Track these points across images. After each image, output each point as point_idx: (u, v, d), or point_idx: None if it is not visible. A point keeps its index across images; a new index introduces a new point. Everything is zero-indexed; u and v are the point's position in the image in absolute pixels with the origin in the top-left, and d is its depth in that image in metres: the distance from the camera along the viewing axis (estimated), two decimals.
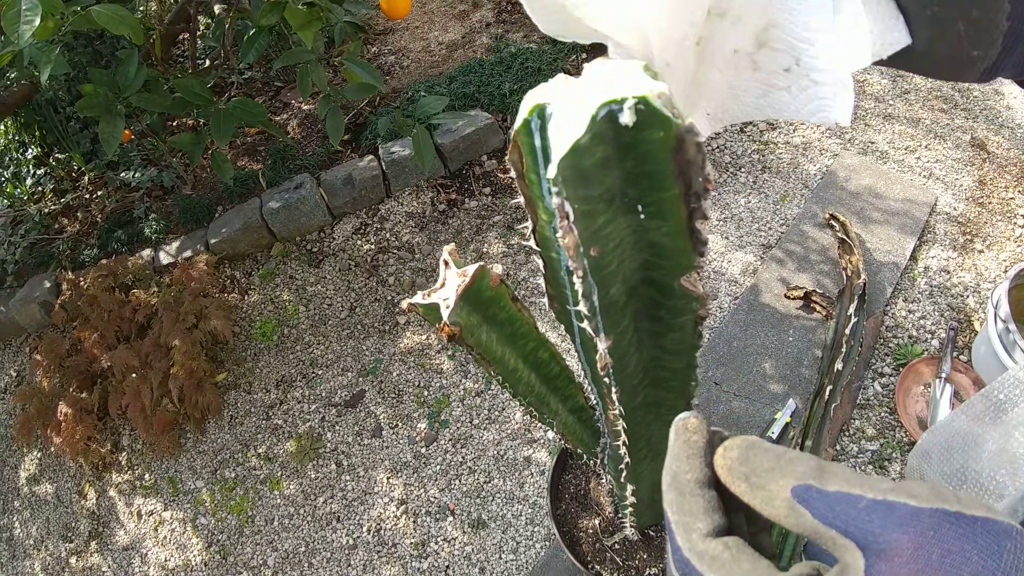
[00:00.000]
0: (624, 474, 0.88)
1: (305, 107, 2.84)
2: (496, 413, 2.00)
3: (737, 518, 0.32)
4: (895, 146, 2.44)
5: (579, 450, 1.10)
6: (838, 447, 1.80)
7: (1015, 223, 2.16)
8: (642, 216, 0.41)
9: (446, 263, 0.75)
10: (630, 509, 1.06)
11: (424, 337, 2.20)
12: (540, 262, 0.51)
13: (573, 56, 2.71)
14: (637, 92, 0.34)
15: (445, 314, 0.70)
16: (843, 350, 1.94)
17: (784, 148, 2.50)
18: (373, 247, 2.48)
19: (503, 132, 2.61)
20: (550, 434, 1.93)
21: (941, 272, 2.07)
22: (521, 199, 0.45)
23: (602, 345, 0.51)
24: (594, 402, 0.79)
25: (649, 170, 0.38)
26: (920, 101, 2.59)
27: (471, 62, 2.74)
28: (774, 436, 1.80)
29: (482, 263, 0.73)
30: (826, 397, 1.88)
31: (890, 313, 2.01)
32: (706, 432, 0.32)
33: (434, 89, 2.66)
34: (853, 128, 2.52)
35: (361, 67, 1.50)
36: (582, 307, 0.45)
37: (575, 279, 0.43)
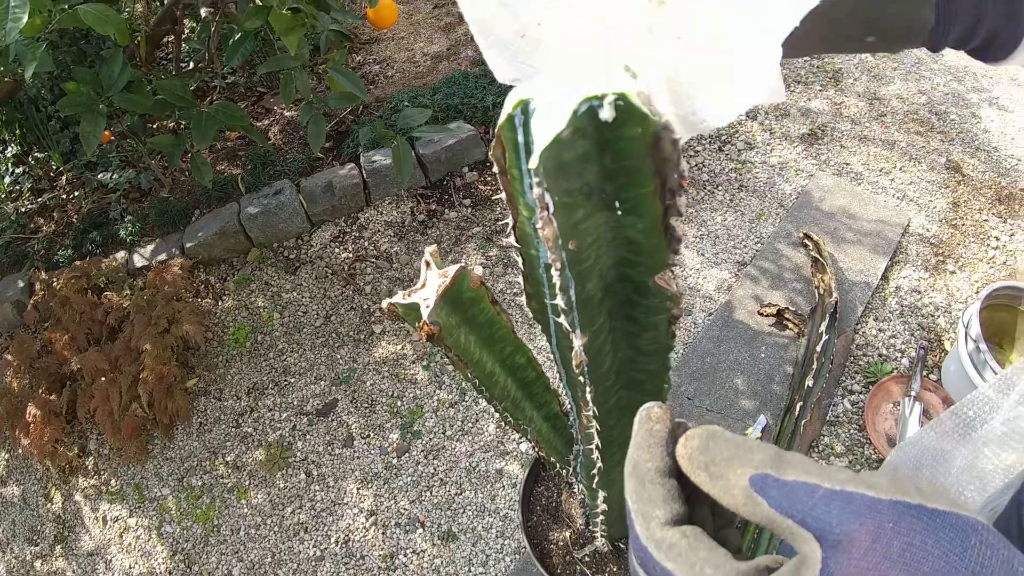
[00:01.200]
0: (596, 480, 0.88)
1: (287, 113, 2.83)
2: (469, 425, 1.99)
3: (702, 511, 0.32)
4: (870, 168, 2.50)
5: (552, 458, 1.10)
6: None
7: (988, 245, 2.21)
8: (619, 212, 0.42)
9: (427, 264, 0.75)
10: (601, 517, 1.06)
11: (399, 347, 2.20)
12: (519, 259, 0.51)
13: None
14: (617, 89, 0.34)
15: (425, 313, 0.70)
16: (814, 367, 1.97)
17: (761, 167, 2.55)
18: (351, 255, 2.47)
19: (485, 144, 2.62)
20: (523, 446, 1.93)
21: (912, 292, 2.11)
22: (503, 195, 0.46)
23: (577, 342, 0.52)
24: (568, 407, 0.80)
25: (627, 166, 0.39)
26: (896, 124, 2.66)
27: (456, 74, 2.76)
28: None
29: (463, 265, 0.73)
30: (796, 413, 1.90)
31: (861, 332, 2.05)
32: (669, 422, 0.32)
33: (418, 100, 2.67)
34: (829, 150, 2.58)
35: (345, 76, 1.51)
36: (559, 301, 0.46)
37: (553, 273, 0.43)
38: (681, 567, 0.27)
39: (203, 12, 1.36)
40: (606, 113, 0.35)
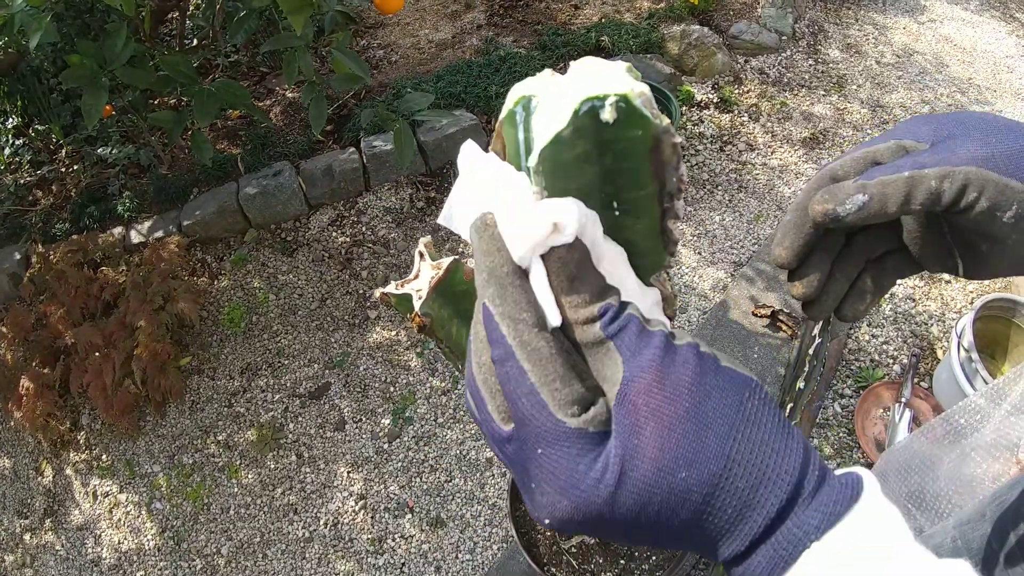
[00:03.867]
0: None
1: (289, 95, 2.82)
2: (461, 412, 2.00)
3: None
4: None
5: None
6: None
7: None
8: (617, 213, 0.42)
9: (421, 255, 0.75)
10: None
11: (393, 333, 2.20)
12: None
13: (561, 64, 2.73)
14: (619, 90, 0.35)
15: (417, 305, 0.71)
16: (805, 369, 1.99)
17: (761, 169, 2.55)
18: (348, 240, 2.47)
19: (487, 134, 2.62)
20: None
21: (907, 300, 2.12)
22: None
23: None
24: None
25: (626, 167, 0.39)
26: None
27: (459, 62, 2.75)
28: None
29: (457, 257, 0.73)
30: (786, 414, 1.92)
31: (854, 336, 2.06)
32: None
33: (421, 87, 2.66)
34: (829, 155, 2.58)
35: (349, 57, 1.50)
36: None
37: None
38: (537, 371, 0.29)
39: None
40: (607, 114, 0.35)
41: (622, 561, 1.41)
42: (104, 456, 2.03)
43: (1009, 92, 2.82)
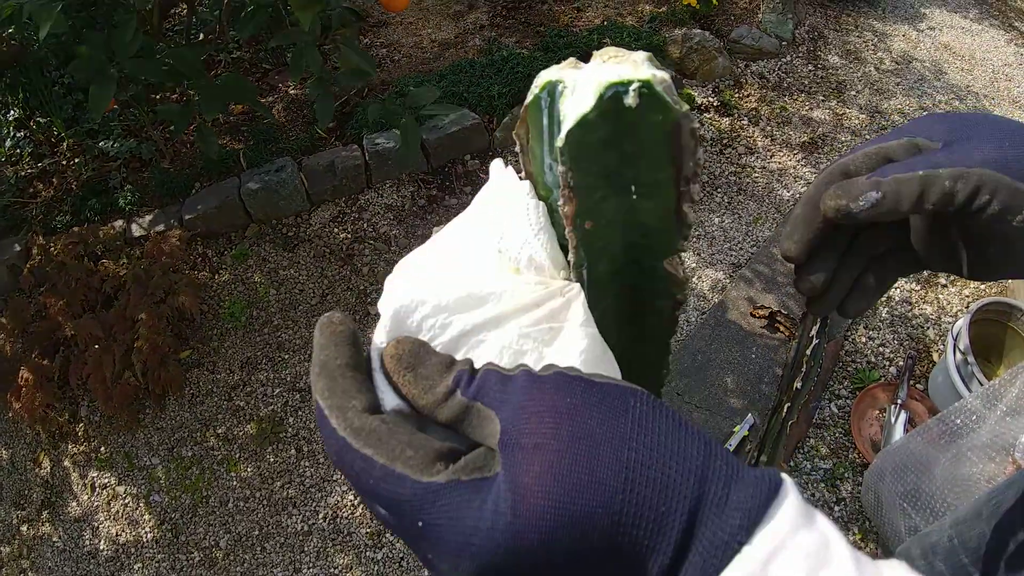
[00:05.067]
0: None
1: (292, 91, 2.83)
2: None
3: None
4: None
5: None
6: (792, 463, 1.85)
7: None
8: (634, 196, 0.44)
9: None
10: None
11: None
12: None
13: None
14: (642, 76, 0.36)
15: None
16: (803, 370, 1.99)
17: (760, 172, 2.57)
18: (349, 236, 2.48)
19: (488, 133, 2.63)
20: None
21: (903, 303, 2.14)
22: (522, 175, 0.47)
23: None
24: None
25: (646, 151, 0.40)
26: None
27: (462, 62, 2.77)
28: (731, 448, 1.85)
29: None
30: (783, 414, 1.93)
31: (850, 338, 2.08)
32: (351, 324, 0.32)
33: (423, 85, 2.67)
34: (828, 159, 2.60)
35: (355, 52, 1.51)
36: (571, 277, 0.48)
37: (569, 251, 0.45)
38: (381, 451, 0.27)
39: None
40: (630, 99, 0.37)
41: None
42: (103, 448, 2.04)
43: (1007, 100, 2.85)
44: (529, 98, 0.41)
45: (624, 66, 0.38)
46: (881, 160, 0.43)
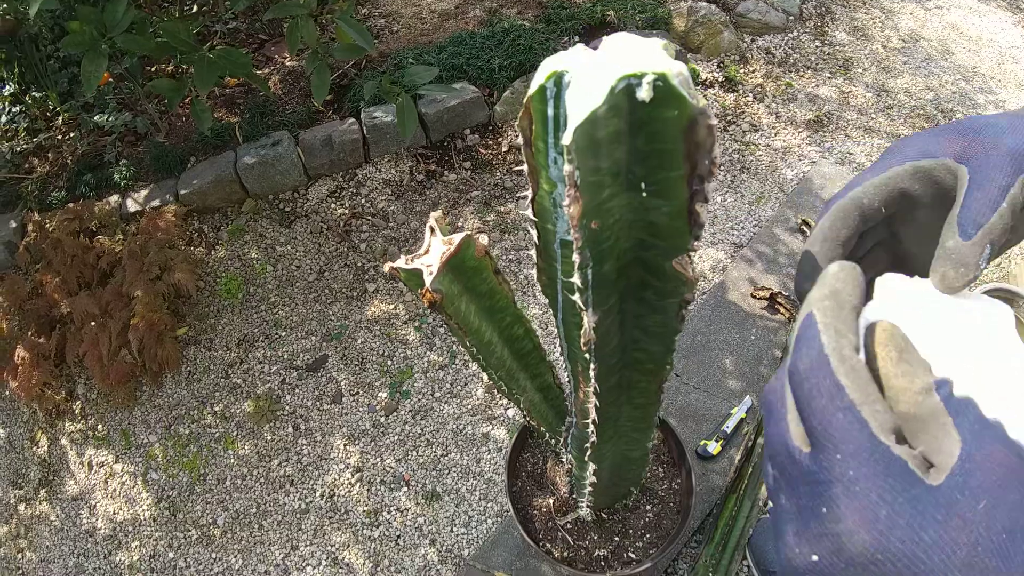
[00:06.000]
0: (589, 453, 0.89)
1: (288, 63, 2.77)
2: (459, 388, 2.00)
3: None
4: (872, 159, 2.49)
5: (542, 428, 1.11)
6: None
7: None
8: (644, 194, 0.41)
9: (432, 229, 0.74)
10: (589, 489, 1.07)
11: (391, 306, 2.19)
12: (534, 233, 0.51)
13: (566, 38, 2.70)
14: (657, 69, 0.34)
15: (428, 280, 0.70)
16: None
17: (764, 151, 2.53)
18: (347, 212, 2.45)
19: (488, 107, 2.59)
20: (510, 412, 1.95)
21: None
22: (524, 167, 0.45)
23: (589, 321, 0.51)
24: (565, 380, 0.80)
25: (658, 148, 0.38)
26: (902, 117, 2.65)
27: (462, 33, 2.71)
28: (728, 430, 1.84)
29: (469, 232, 0.72)
30: None
31: None
32: (862, 280, 0.32)
33: (423, 57, 2.62)
34: (833, 138, 2.56)
35: (352, 27, 1.47)
36: (576, 279, 0.45)
37: (573, 250, 0.43)
38: (856, 389, 0.27)
39: None
40: (644, 93, 0.34)
41: (616, 538, 1.42)
42: (100, 426, 2.03)
43: (1013, 82, 2.81)
44: (533, 88, 0.39)
45: (637, 56, 0.35)
46: (895, 194, 0.41)
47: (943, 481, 0.26)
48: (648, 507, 1.46)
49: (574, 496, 1.41)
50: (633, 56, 0.35)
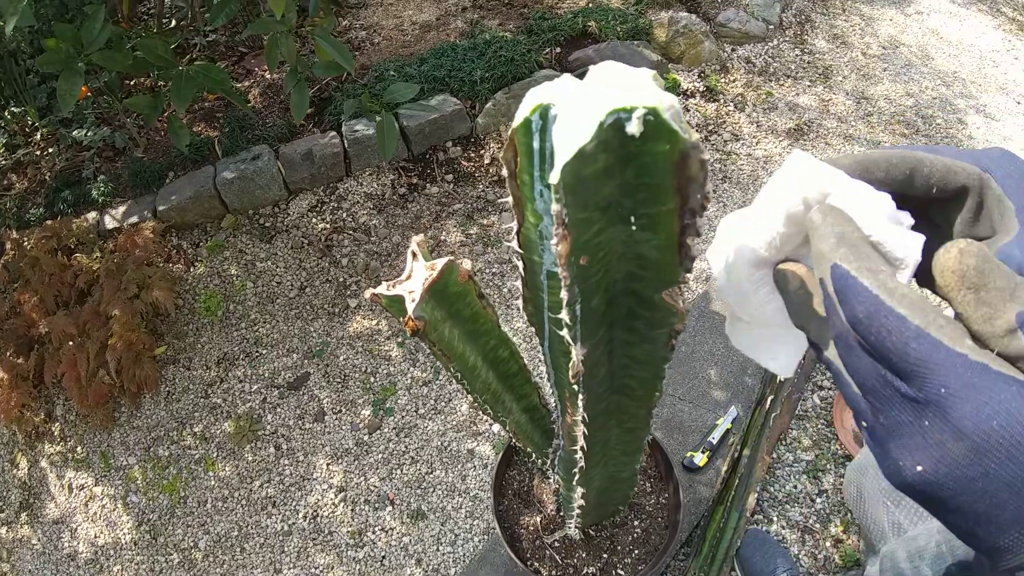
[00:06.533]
0: (577, 477, 0.88)
1: (268, 76, 2.75)
2: (442, 404, 1.98)
3: None
4: None
5: (528, 449, 1.09)
6: (775, 455, 1.85)
7: None
8: (634, 228, 0.40)
9: (414, 255, 0.73)
10: (577, 512, 1.06)
11: (374, 322, 2.17)
12: (520, 264, 0.49)
13: (547, 49, 2.69)
14: (648, 103, 0.32)
15: (410, 308, 0.68)
16: None
17: (746, 160, 2.54)
18: (328, 226, 2.42)
19: (470, 119, 2.58)
20: (495, 428, 1.93)
21: None
22: (509, 199, 0.44)
23: (577, 354, 0.50)
24: (552, 404, 0.79)
25: (648, 182, 0.37)
26: (882, 124, 2.67)
27: (444, 45, 2.70)
28: (715, 441, 1.83)
29: (451, 258, 0.71)
30: (767, 406, 1.92)
31: None
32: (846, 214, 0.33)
33: (404, 70, 2.61)
34: (813, 146, 2.58)
35: (332, 45, 1.45)
36: (564, 316, 0.44)
37: (560, 283, 0.41)
38: (916, 314, 0.27)
39: None
40: (634, 127, 0.33)
41: (605, 555, 1.40)
42: (79, 448, 1.98)
43: (994, 86, 2.84)
44: (518, 121, 0.37)
45: (626, 88, 0.34)
46: (904, 169, 0.38)
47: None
48: (636, 522, 1.45)
49: (561, 514, 1.39)
50: (621, 88, 0.34)
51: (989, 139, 2.61)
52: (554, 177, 0.33)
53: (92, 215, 2.30)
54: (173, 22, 1.52)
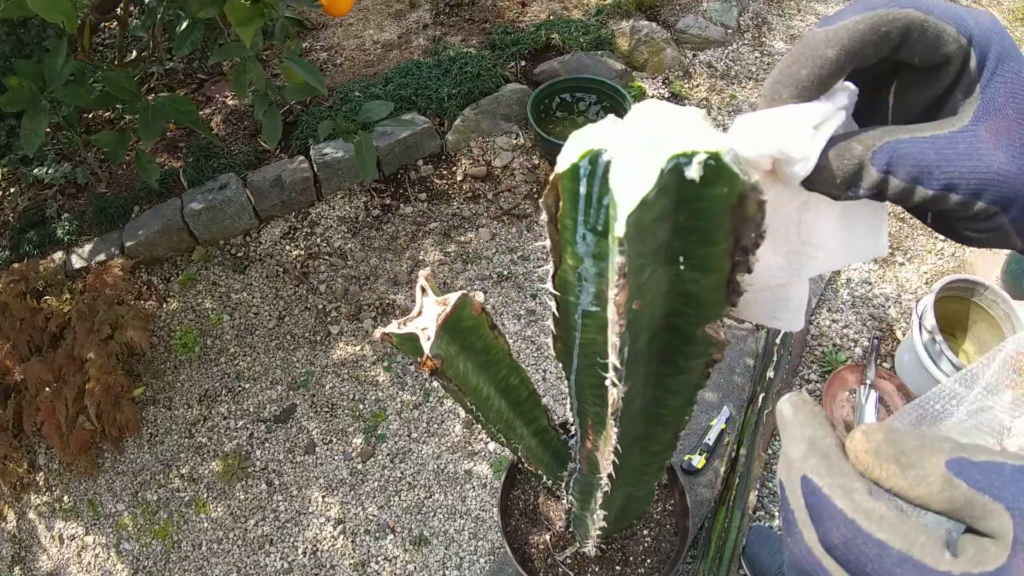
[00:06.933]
0: (600, 502, 0.87)
1: (231, 102, 2.70)
2: (435, 426, 1.95)
3: None
4: None
5: (540, 472, 1.08)
6: (770, 451, 1.86)
7: (936, 236, 2.29)
8: (682, 268, 0.39)
9: (423, 290, 0.71)
10: (598, 533, 1.05)
11: (358, 348, 2.13)
12: (553, 305, 0.48)
13: (512, 63, 2.69)
14: (709, 147, 0.32)
15: (426, 347, 0.66)
16: (774, 359, 2.01)
17: None
18: (303, 253, 2.38)
19: (440, 137, 2.56)
20: (491, 446, 1.91)
21: (863, 284, 2.17)
22: (547, 242, 0.42)
23: (619, 393, 0.49)
24: (573, 429, 0.78)
25: (702, 225, 0.36)
26: None
27: (408, 64, 2.68)
28: (710, 443, 1.84)
29: (464, 291, 0.69)
30: (759, 404, 1.94)
31: (815, 322, 2.10)
32: (820, 408, 0.32)
33: (370, 90, 2.58)
34: None
35: (303, 67, 1.43)
36: (613, 359, 0.43)
37: (612, 335, 0.40)
38: (896, 537, 0.27)
39: None
40: (693, 172, 0.32)
41: (617, 567, 1.40)
42: (66, 497, 1.91)
43: None
44: (564, 167, 0.36)
45: (680, 131, 0.33)
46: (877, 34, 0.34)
47: (1005, 562, 0.26)
48: (645, 531, 1.44)
49: (571, 530, 1.38)
50: (676, 131, 0.33)
51: None
52: (620, 230, 0.32)
53: (59, 255, 2.23)
54: (134, 53, 1.48)
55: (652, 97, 2.71)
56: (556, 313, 0.49)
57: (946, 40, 0.33)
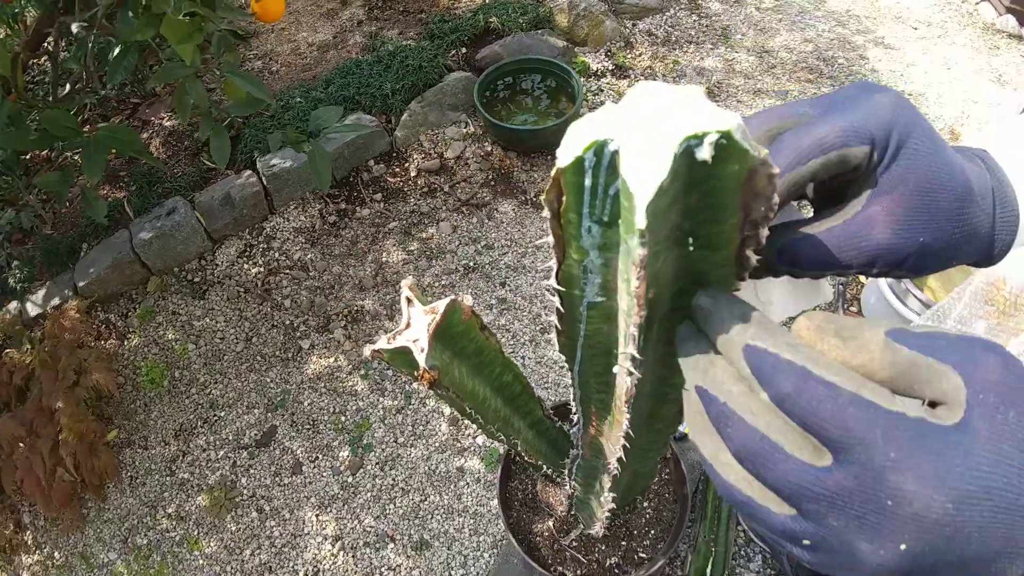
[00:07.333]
0: (609, 486, 0.87)
1: (167, 123, 2.61)
2: (420, 428, 1.94)
3: None
4: None
5: (539, 462, 1.07)
6: None
7: None
8: (691, 248, 0.38)
9: (409, 300, 0.69)
10: (607, 514, 1.05)
11: (331, 359, 2.10)
12: (557, 300, 0.47)
13: (453, 51, 2.66)
14: (720, 126, 0.30)
15: (421, 359, 0.65)
16: None
17: None
18: (262, 269, 2.33)
19: (389, 134, 2.52)
20: (479, 440, 1.90)
21: None
22: (550, 239, 0.41)
23: (632, 381, 0.48)
24: (575, 417, 0.77)
25: (711, 203, 0.35)
26: (787, 74, 2.75)
27: (347, 63, 2.62)
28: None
29: (453, 297, 0.68)
30: None
31: None
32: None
33: (311, 94, 2.52)
34: (726, 106, 2.64)
35: (245, 79, 1.38)
36: (632, 350, 0.42)
37: (631, 327, 0.39)
38: (846, 380, 0.28)
39: (75, 28, 1.19)
40: (705, 153, 0.31)
41: (623, 542, 1.40)
42: (56, 554, 1.84)
43: (889, 17, 2.96)
44: (567, 160, 0.35)
45: (685, 111, 0.32)
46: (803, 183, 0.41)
47: (963, 416, 0.27)
48: (646, 504, 1.45)
49: (573, 513, 1.38)
50: (680, 112, 0.32)
51: (893, 68, 2.73)
52: (640, 221, 0.31)
53: (13, 305, 2.13)
54: (67, 87, 1.41)
55: (597, 71, 2.70)
56: (560, 308, 0.48)
57: (850, 158, 0.37)
